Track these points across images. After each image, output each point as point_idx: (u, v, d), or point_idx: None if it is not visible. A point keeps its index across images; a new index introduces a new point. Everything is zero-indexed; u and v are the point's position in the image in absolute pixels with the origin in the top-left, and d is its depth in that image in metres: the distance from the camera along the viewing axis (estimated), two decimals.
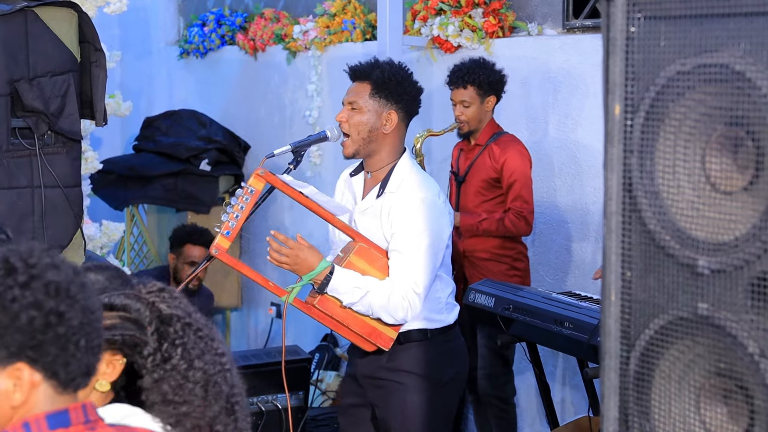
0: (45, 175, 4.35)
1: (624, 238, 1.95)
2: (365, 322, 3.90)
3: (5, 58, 4.26)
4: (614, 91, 1.93)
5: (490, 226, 5.43)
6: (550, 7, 6.07)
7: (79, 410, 1.85)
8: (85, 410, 1.87)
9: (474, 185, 5.56)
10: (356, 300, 3.82)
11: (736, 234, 1.79)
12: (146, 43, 9.00)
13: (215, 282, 7.82)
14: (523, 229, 5.45)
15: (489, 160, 5.51)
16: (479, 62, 5.55)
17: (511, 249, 5.55)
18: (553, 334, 4.40)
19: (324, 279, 3.80)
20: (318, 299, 3.85)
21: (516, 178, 5.44)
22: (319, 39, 7.24)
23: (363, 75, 4.04)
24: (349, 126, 4.01)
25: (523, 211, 5.41)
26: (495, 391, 5.55)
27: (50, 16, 4.39)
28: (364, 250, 3.89)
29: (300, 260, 3.81)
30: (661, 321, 1.91)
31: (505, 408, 5.59)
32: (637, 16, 1.90)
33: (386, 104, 4.01)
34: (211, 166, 7.68)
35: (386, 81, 4.01)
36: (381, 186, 4.00)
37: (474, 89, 5.48)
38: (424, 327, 4.04)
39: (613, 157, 1.94)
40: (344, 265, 3.86)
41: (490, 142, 5.53)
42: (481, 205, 5.53)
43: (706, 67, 1.81)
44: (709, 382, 1.87)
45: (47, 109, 4.34)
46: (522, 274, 5.57)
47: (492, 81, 5.51)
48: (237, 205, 3.76)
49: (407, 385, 4.03)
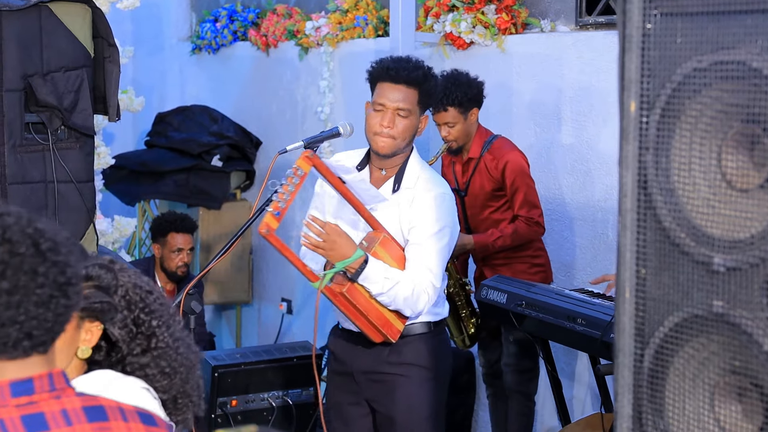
0: (58, 170, 4.37)
1: (639, 235, 1.95)
2: (382, 314, 3.96)
3: (19, 53, 4.27)
4: (630, 88, 1.92)
5: (504, 243, 5.40)
6: (563, 3, 6.06)
7: (44, 378, 1.84)
8: (51, 379, 1.85)
9: (480, 199, 5.52)
10: (385, 290, 3.87)
11: (751, 231, 1.79)
12: (159, 39, 9.01)
13: (226, 277, 7.83)
14: (537, 232, 5.45)
15: (486, 172, 5.47)
16: (453, 80, 5.40)
17: (527, 248, 5.53)
18: (565, 330, 4.40)
19: (358, 267, 3.84)
20: (347, 287, 3.88)
21: (518, 185, 5.40)
22: (331, 35, 7.24)
23: (415, 82, 4.05)
24: (395, 131, 4.02)
25: (533, 216, 5.39)
26: (521, 386, 5.54)
27: (64, 11, 4.40)
28: (388, 241, 3.96)
29: (336, 246, 3.84)
30: (675, 318, 1.90)
31: (527, 404, 5.58)
32: (654, 12, 1.90)
33: (423, 111, 4.10)
34: (222, 161, 7.69)
35: (432, 93, 4.11)
36: (395, 181, 4.07)
37: (455, 109, 5.37)
38: (427, 320, 4.12)
39: (629, 154, 1.94)
40: (370, 254, 3.91)
41: (483, 152, 5.47)
42: (490, 216, 5.50)
43: (722, 64, 1.80)
44: (723, 380, 1.87)
45: (61, 104, 4.35)
46: (544, 269, 5.56)
47: (470, 96, 5.39)
48: (287, 185, 3.78)
49: (411, 378, 4.09)
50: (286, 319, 7.79)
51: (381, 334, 3.98)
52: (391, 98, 4.03)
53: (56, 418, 1.84)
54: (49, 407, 1.83)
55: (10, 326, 1.78)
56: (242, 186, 8.02)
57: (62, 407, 1.84)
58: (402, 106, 4.02)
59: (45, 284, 1.80)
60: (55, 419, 1.83)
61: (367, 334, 4.00)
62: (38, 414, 1.82)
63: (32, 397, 1.82)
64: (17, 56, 4.27)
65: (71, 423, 1.85)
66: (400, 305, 3.91)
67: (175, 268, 6.60)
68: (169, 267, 6.66)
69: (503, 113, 5.76)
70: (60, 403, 1.85)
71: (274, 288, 7.99)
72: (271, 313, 8.08)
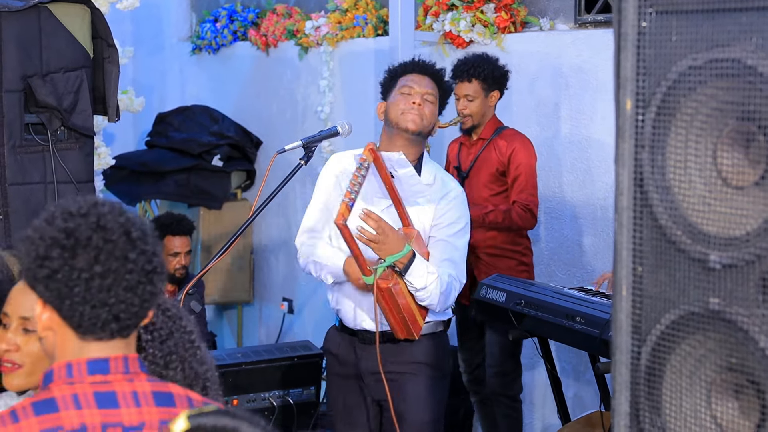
0: (58, 170, 4.37)
1: (635, 233, 1.95)
2: (413, 311, 4.02)
3: (19, 54, 4.28)
4: (625, 86, 1.93)
5: (496, 218, 5.39)
6: (562, 2, 6.06)
7: (120, 360, 1.98)
8: (126, 362, 1.99)
9: (481, 179, 5.53)
10: (427, 284, 3.94)
11: (747, 229, 1.79)
12: (159, 39, 9.01)
13: (227, 276, 7.83)
14: (529, 222, 5.44)
15: (495, 153, 5.49)
16: (484, 57, 5.55)
17: (519, 244, 5.55)
18: (564, 329, 4.40)
19: (407, 262, 3.90)
20: (393, 282, 3.93)
21: (521, 171, 5.42)
22: (331, 35, 7.24)
23: (439, 78, 4.23)
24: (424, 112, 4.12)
25: (529, 204, 5.40)
26: (504, 389, 5.54)
27: (63, 12, 4.41)
28: (419, 238, 4.05)
29: (389, 241, 3.87)
30: (672, 316, 1.91)
31: (513, 405, 5.58)
32: (649, 11, 1.90)
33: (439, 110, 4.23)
34: (223, 161, 7.69)
35: (446, 94, 4.28)
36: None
37: (478, 83, 5.47)
38: (440, 319, 4.19)
39: (625, 152, 1.94)
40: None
41: (494, 136, 5.51)
42: (490, 198, 5.51)
43: (717, 61, 1.80)
44: (720, 377, 1.87)
45: (60, 105, 4.36)
46: (528, 269, 5.58)
47: (496, 75, 5.49)
48: (357, 175, 3.82)
49: (420, 376, 4.13)
50: (288, 318, 7.80)
51: (408, 330, 4.03)
52: (419, 83, 4.17)
53: (127, 398, 1.97)
54: (121, 387, 1.97)
55: (101, 308, 1.93)
56: (243, 186, 8.03)
57: (133, 389, 1.98)
58: (430, 91, 4.16)
59: (134, 270, 1.95)
60: (125, 399, 1.97)
61: (396, 329, 4.03)
62: (110, 392, 1.96)
63: (107, 377, 1.97)
64: (17, 57, 4.28)
65: (140, 405, 1.98)
66: (434, 300, 3.98)
67: (172, 270, 6.49)
68: (167, 270, 6.56)
69: (503, 111, 5.76)
70: (132, 386, 1.98)
71: (276, 287, 7.99)
72: (272, 312, 8.08)
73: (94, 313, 1.92)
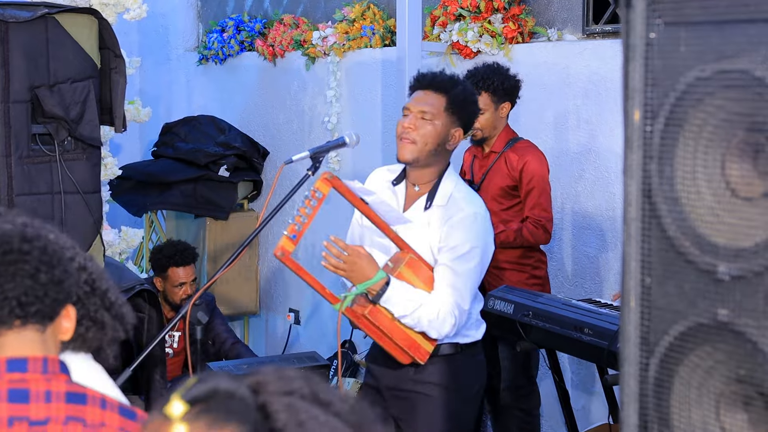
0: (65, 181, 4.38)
1: (643, 244, 1.94)
2: (408, 335, 3.87)
3: (26, 64, 4.29)
4: (633, 97, 1.92)
5: (507, 238, 5.34)
6: (570, 12, 6.06)
7: (39, 361, 2.13)
8: (46, 363, 2.13)
9: (490, 193, 5.48)
10: (408, 313, 3.80)
11: (756, 240, 1.78)
12: (165, 50, 9.03)
13: (234, 287, 7.83)
14: (541, 237, 5.39)
15: (505, 167, 5.44)
16: (494, 68, 5.47)
17: (530, 257, 5.49)
18: (572, 340, 4.39)
19: (380, 290, 3.77)
20: (369, 309, 3.81)
21: (534, 185, 5.36)
22: (338, 45, 7.25)
23: (442, 88, 3.96)
24: (417, 134, 3.91)
25: (541, 219, 5.35)
26: (518, 402, 5.51)
27: (71, 22, 4.42)
28: (414, 261, 3.86)
29: (357, 268, 3.77)
30: (680, 327, 1.90)
31: (528, 419, 5.55)
32: (657, 21, 1.89)
33: (456, 122, 3.96)
34: (229, 172, 7.69)
35: (463, 100, 3.98)
36: (428, 198, 3.97)
37: (488, 95, 5.39)
38: (455, 342, 4.02)
39: (633, 163, 1.94)
40: (395, 275, 3.82)
41: (506, 148, 5.45)
42: (498, 213, 5.45)
43: (726, 72, 1.80)
44: (729, 389, 1.86)
45: (67, 116, 4.36)
46: (542, 282, 5.52)
47: (507, 87, 5.43)
48: (304, 208, 3.71)
49: (434, 398, 4.01)
50: (294, 329, 7.79)
51: (408, 355, 3.91)
52: (417, 101, 3.96)
53: (39, 395, 2.11)
54: (36, 386, 2.10)
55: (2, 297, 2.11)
56: (249, 196, 8.03)
57: (48, 388, 2.11)
58: (426, 108, 3.92)
59: (29, 261, 2.12)
60: (38, 396, 2.10)
61: (394, 355, 3.92)
62: (24, 390, 2.11)
63: (24, 375, 2.11)
64: (24, 67, 4.29)
65: (50, 401, 2.11)
66: (425, 327, 3.83)
67: (178, 301, 6.35)
68: (173, 300, 6.38)
69: (511, 122, 5.76)
70: (48, 385, 2.11)
71: (282, 298, 7.99)
72: (278, 323, 8.08)
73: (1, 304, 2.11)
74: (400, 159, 3.98)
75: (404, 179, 4.09)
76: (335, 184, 3.75)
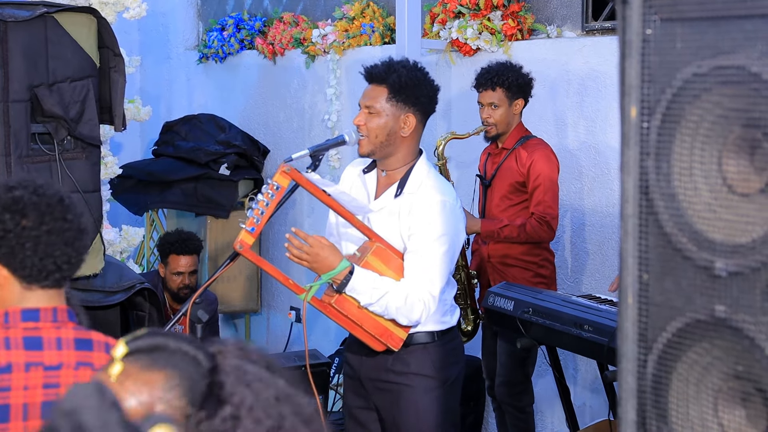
0: (64, 180, 4.38)
1: (641, 240, 1.94)
2: (378, 323, 3.90)
3: (25, 63, 4.28)
4: (630, 93, 1.92)
5: (511, 233, 5.36)
6: (570, 9, 6.06)
7: (49, 311, 2.35)
8: (55, 312, 2.36)
9: (500, 189, 5.50)
10: (374, 301, 3.82)
11: (753, 236, 1.78)
12: (165, 48, 9.03)
13: (235, 286, 7.83)
14: (545, 234, 5.38)
15: (515, 164, 5.45)
16: (507, 65, 5.52)
17: (536, 255, 5.49)
18: (572, 337, 4.39)
19: (344, 279, 3.79)
20: (335, 298, 3.84)
21: (540, 182, 5.37)
22: (337, 43, 7.25)
23: (379, 78, 4.01)
24: (367, 129, 3.97)
25: (545, 216, 5.34)
26: (511, 399, 5.52)
27: (70, 21, 4.41)
28: (381, 250, 3.88)
29: (320, 258, 3.79)
30: (678, 324, 1.90)
31: (520, 416, 5.56)
32: (653, 18, 1.89)
33: (404, 107, 3.98)
34: (230, 170, 7.69)
35: (403, 85, 3.98)
36: (399, 186, 3.99)
37: (503, 91, 5.43)
38: (431, 329, 4.04)
39: (630, 160, 1.94)
40: (362, 264, 3.85)
41: (518, 145, 5.47)
42: (507, 210, 5.46)
43: (722, 69, 1.80)
44: (726, 385, 1.86)
45: (67, 115, 4.36)
46: (547, 281, 5.50)
47: (521, 83, 5.46)
48: (262, 201, 3.73)
49: (416, 387, 4.03)
50: (295, 327, 7.79)
51: (381, 343, 3.93)
52: (363, 96, 4.03)
53: (51, 342, 2.33)
54: (48, 334, 2.34)
55: (47, 259, 2.30)
56: (250, 194, 8.03)
57: (58, 335, 2.35)
58: (368, 103, 3.98)
59: (71, 228, 2.33)
60: (50, 343, 2.33)
61: (368, 343, 3.95)
62: (38, 337, 2.33)
63: (37, 324, 2.33)
64: (23, 67, 4.28)
65: (61, 348, 2.33)
66: (393, 314, 3.85)
67: (176, 290, 6.41)
68: (171, 288, 6.44)
69: None
70: (58, 332, 2.35)
71: (283, 296, 7.99)
72: (280, 321, 8.08)
73: (41, 264, 2.30)
74: (359, 154, 4.05)
75: (374, 167, 4.13)
76: (294, 176, 3.76)
